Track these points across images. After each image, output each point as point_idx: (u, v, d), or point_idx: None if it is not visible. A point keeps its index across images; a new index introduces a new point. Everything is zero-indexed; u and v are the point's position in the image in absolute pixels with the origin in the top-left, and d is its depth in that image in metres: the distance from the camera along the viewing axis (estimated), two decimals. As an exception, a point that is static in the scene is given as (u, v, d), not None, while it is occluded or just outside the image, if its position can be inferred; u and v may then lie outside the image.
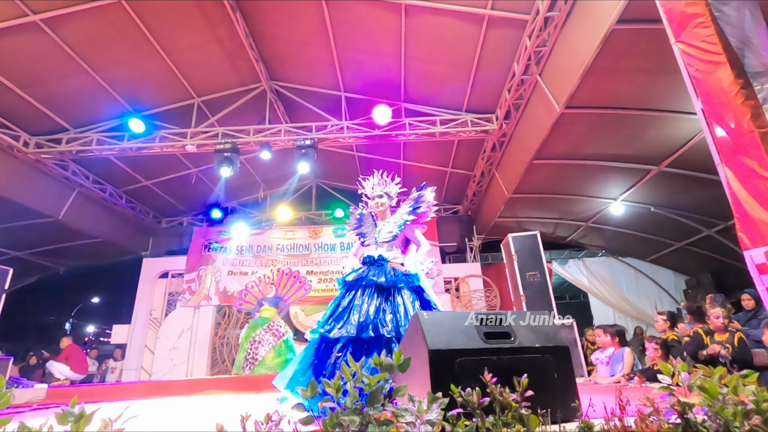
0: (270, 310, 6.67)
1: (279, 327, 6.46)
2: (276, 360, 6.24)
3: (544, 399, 1.46)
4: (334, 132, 7.06)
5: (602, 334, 4.50)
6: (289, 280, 7.30)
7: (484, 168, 8.15)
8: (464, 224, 10.42)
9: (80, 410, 1.01)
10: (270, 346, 6.27)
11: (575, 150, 6.43)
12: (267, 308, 6.69)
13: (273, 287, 7.03)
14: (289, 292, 7.25)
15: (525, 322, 1.79)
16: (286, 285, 7.22)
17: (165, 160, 8.26)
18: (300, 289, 7.42)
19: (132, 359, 9.14)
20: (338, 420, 1.06)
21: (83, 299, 16.35)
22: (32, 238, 8.63)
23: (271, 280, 7.10)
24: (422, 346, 1.57)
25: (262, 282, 7.12)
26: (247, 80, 7.18)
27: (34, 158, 6.99)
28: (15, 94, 6.08)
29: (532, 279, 5.20)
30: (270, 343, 6.30)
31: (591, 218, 8.60)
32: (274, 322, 6.45)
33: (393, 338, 2.46)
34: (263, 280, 7.16)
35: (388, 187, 3.11)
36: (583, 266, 9.91)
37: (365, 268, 2.86)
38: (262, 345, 6.26)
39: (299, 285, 7.39)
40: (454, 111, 7.07)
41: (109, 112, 6.96)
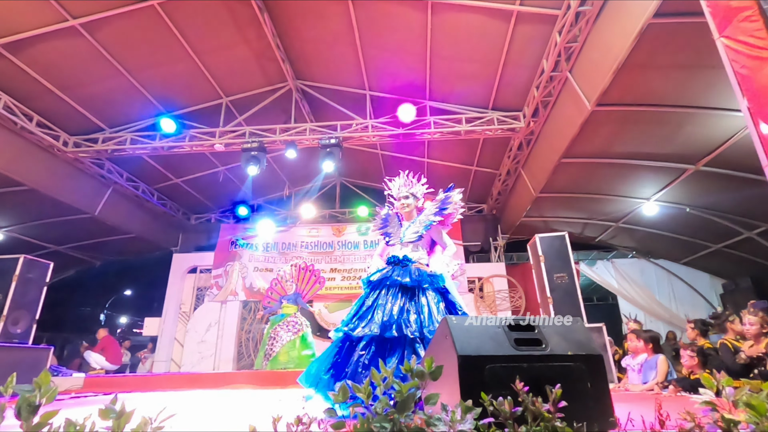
0: (290, 307, 6.80)
1: (296, 323, 6.59)
2: (290, 355, 6.34)
3: (577, 409, 1.42)
4: (358, 131, 7.08)
5: (635, 339, 4.36)
6: (306, 274, 7.42)
7: (510, 166, 8.01)
8: (489, 223, 10.28)
9: (121, 407, 1.04)
10: (283, 343, 6.39)
11: (606, 148, 6.23)
12: (287, 305, 6.82)
13: (293, 284, 7.16)
14: (306, 287, 7.36)
15: (557, 329, 1.75)
16: (302, 280, 7.34)
17: (194, 158, 8.49)
18: (315, 284, 7.52)
19: (162, 351, 9.46)
20: (370, 426, 1.06)
21: (117, 292, 17.01)
22: (70, 233, 9.04)
23: (291, 277, 7.23)
24: (451, 352, 1.55)
25: (284, 279, 7.26)
26: (274, 80, 7.28)
27: (72, 157, 7.31)
28: (55, 96, 6.36)
29: (560, 281, 5.07)
30: (283, 340, 6.42)
31: (621, 218, 8.33)
32: (291, 318, 6.58)
33: (417, 338, 2.45)
34: (284, 277, 7.29)
35: (414, 188, 3.09)
36: (612, 267, 9.62)
37: (390, 268, 2.86)
38: (276, 341, 6.40)
39: (314, 279, 7.51)
40: (480, 109, 6.97)
41: (142, 112, 7.20)
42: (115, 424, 1.05)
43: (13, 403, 0.92)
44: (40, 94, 6.29)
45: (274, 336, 6.48)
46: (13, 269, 5.21)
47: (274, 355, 6.34)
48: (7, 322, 5.01)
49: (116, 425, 1.05)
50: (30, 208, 7.81)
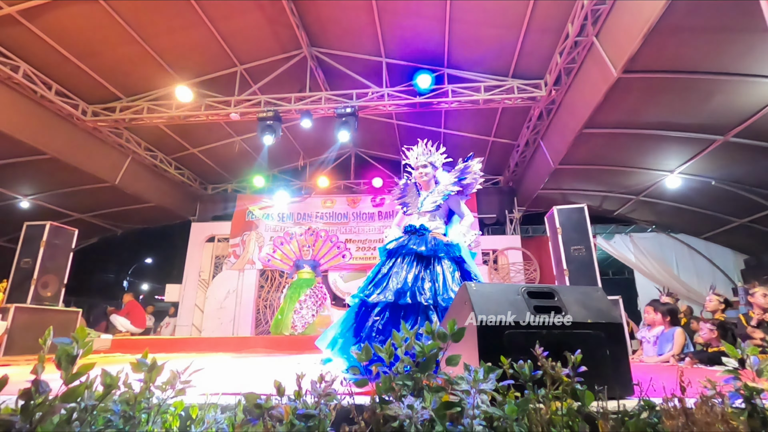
0: (309, 272, 6.80)
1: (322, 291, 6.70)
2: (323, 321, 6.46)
3: (596, 375, 1.43)
4: (374, 100, 6.96)
5: (651, 312, 4.33)
6: (326, 244, 7.35)
7: (529, 137, 7.82)
8: (505, 195, 10.16)
9: (152, 361, 1.09)
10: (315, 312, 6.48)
11: (631, 118, 6.01)
12: (307, 270, 6.81)
13: (310, 249, 7.09)
14: (326, 257, 7.30)
15: (576, 296, 1.74)
16: (322, 249, 7.28)
17: (210, 128, 8.50)
18: (338, 256, 7.48)
19: (184, 316, 9.81)
20: (391, 384, 1.08)
21: (138, 259, 17.55)
22: (92, 201, 9.26)
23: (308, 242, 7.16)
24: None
25: (296, 240, 7.17)
26: (288, 47, 7.14)
27: (91, 126, 7.39)
28: (73, 64, 6.37)
29: (577, 253, 5.01)
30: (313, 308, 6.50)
31: (642, 191, 8.12)
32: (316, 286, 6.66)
33: (430, 306, 2.48)
34: (296, 238, 7.20)
35: (433, 157, 3.04)
36: (630, 241, 9.47)
37: (406, 237, 2.86)
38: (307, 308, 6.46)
39: (337, 251, 7.47)
40: (499, 77, 6.76)
41: (158, 81, 7.18)
42: (147, 377, 1.10)
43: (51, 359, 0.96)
44: (58, 63, 6.30)
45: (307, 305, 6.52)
46: (40, 235, 5.39)
47: (311, 323, 6.44)
48: (37, 286, 5.23)
49: (148, 377, 1.10)
50: (53, 176, 8.00)
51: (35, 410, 0.84)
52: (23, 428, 0.81)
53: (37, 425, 0.81)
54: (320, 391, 1.09)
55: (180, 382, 1.10)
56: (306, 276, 6.76)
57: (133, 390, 1.08)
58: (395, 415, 0.89)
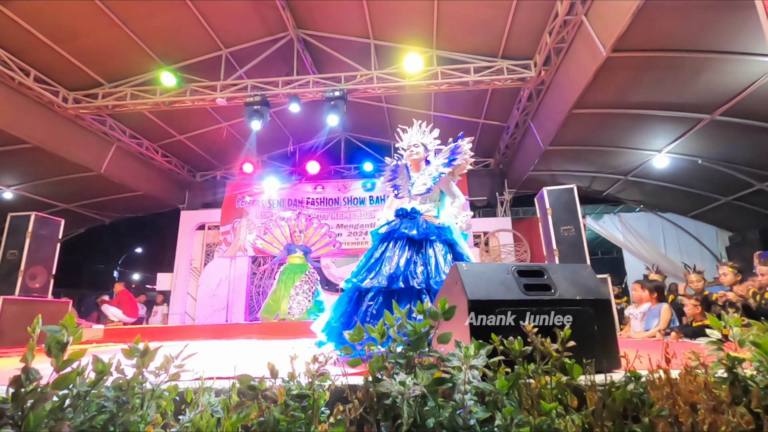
0: (300, 257, 6.69)
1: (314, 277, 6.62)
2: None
3: (585, 350, 1.46)
4: (363, 82, 6.87)
5: (639, 289, 4.42)
6: (318, 232, 7.22)
7: (519, 119, 7.81)
8: (495, 178, 10.19)
9: (145, 346, 1.08)
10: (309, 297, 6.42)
11: (619, 98, 6.02)
12: (299, 255, 6.69)
13: (301, 234, 6.95)
14: (318, 244, 7.18)
15: (565, 274, 1.77)
16: (314, 236, 7.15)
17: (196, 114, 8.34)
18: (329, 245, 7.37)
19: (176, 305, 9.79)
20: (384, 363, 1.09)
21: (128, 249, 17.39)
22: (78, 191, 9.09)
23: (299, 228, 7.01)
24: (461, 297, 1.57)
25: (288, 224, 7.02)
26: (274, 29, 6.98)
27: (73, 114, 7.20)
28: (51, 50, 6.17)
29: (567, 234, 5.08)
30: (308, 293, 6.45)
31: (631, 171, 8.21)
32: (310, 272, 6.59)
33: (423, 290, 2.50)
34: (288, 223, 7.04)
35: (426, 138, 3.02)
36: (618, 221, 9.61)
37: (398, 220, 2.86)
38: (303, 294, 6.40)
39: (329, 239, 7.38)
40: (489, 58, 6.70)
41: (140, 66, 6.99)
42: (139, 362, 1.10)
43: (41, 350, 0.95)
44: (35, 48, 6.10)
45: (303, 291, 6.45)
46: (25, 226, 5.30)
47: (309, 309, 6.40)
48: (25, 277, 5.16)
49: (140, 363, 1.10)
50: (36, 166, 7.82)
51: (26, 397, 0.84)
52: (15, 415, 0.80)
53: (29, 412, 0.80)
54: (314, 371, 1.10)
55: (173, 367, 1.10)
56: (297, 261, 6.66)
57: (126, 376, 1.08)
58: (388, 392, 0.91)
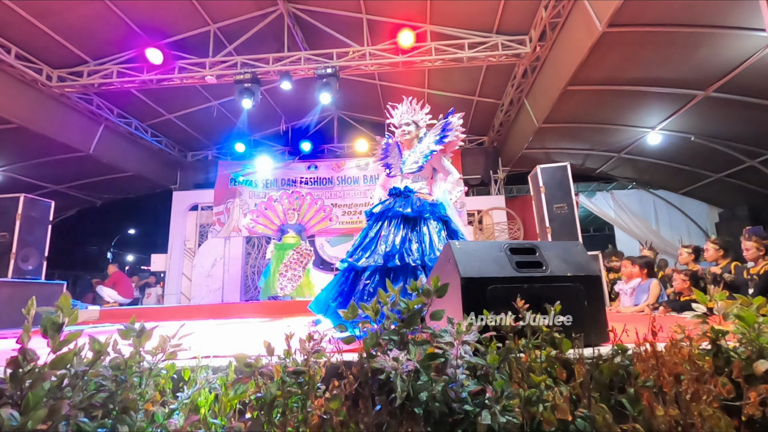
0: (294, 237, 6.60)
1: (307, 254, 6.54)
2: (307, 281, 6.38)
3: (574, 325, 1.50)
4: (356, 59, 6.74)
5: (629, 265, 4.50)
6: (312, 207, 7.13)
7: (514, 96, 7.74)
8: (489, 156, 10.16)
9: (141, 327, 1.09)
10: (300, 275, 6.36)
11: (614, 74, 5.97)
12: (292, 235, 6.60)
13: (295, 213, 6.84)
14: (312, 220, 7.10)
15: (557, 252, 1.79)
16: (308, 212, 7.07)
17: (185, 92, 8.16)
18: (324, 219, 7.31)
19: (171, 285, 9.82)
20: (378, 340, 1.11)
21: (121, 230, 17.29)
22: (68, 172, 8.95)
23: (292, 206, 6.91)
24: (454, 274, 1.59)
25: (281, 204, 6.93)
26: (263, 3, 6.77)
27: (58, 92, 7.02)
28: (32, 25, 5.96)
29: (559, 211, 5.11)
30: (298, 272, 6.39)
31: (624, 149, 8.22)
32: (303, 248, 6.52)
33: (418, 266, 2.52)
34: (281, 202, 6.95)
35: (417, 115, 2.99)
36: (611, 198, 9.69)
37: (392, 199, 2.86)
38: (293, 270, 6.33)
39: (323, 215, 7.32)
40: (483, 33, 6.58)
41: (126, 42, 6.78)
42: (136, 341, 1.11)
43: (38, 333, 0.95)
44: (15, 23, 5.88)
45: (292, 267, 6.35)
46: (15, 208, 5.22)
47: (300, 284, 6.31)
48: (17, 259, 5.13)
49: (137, 342, 1.11)
50: (23, 147, 7.65)
51: (24, 377, 0.85)
52: (14, 395, 0.82)
53: (28, 392, 0.82)
54: (309, 349, 1.12)
55: (170, 346, 1.11)
56: (291, 241, 6.58)
57: (123, 355, 1.09)
58: (382, 367, 0.93)
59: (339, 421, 1.04)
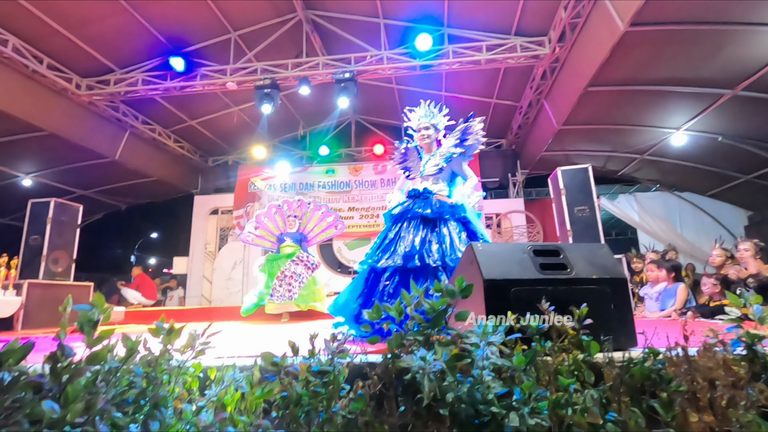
0: (292, 246, 5.70)
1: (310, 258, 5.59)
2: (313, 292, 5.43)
3: (601, 328, 1.47)
4: (373, 63, 6.78)
5: (655, 269, 4.38)
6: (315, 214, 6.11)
7: (532, 98, 7.66)
8: (508, 159, 10.07)
9: (170, 325, 1.12)
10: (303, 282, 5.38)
11: (637, 74, 5.85)
12: (289, 244, 5.71)
13: (297, 221, 5.95)
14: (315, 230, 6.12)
15: (581, 254, 1.76)
16: (311, 220, 6.09)
17: (207, 99, 8.35)
18: (330, 227, 6.19)
19: (193, 288, 10.00)
20: (402, 340, 1.11)
21: (144, 234, 17.71)
22: (95, 177, 9.25)
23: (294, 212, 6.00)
24: (477, 276, 1.58)
25: (281, 213, 6.02)
26: (283, 10, 6.90)
27: (87, 100, 7.27)
28: (63, 37, 6.19)
29: (581, 214, 5.02)
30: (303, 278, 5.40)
31: (647, 150, 8.03)
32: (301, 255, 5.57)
33: (439, 267, 2.51)
34: (282, 210, 6.03)
35: (436, 119, 2.99)
36: (634, 201, 9.46)
37: (411, 201, 2.86)
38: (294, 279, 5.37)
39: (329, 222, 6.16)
40: (501, 35, 6.54)
41: (151, 51, 6.99)
42: (166, 339, 1.14)
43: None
44: (47, 35, 6.12)
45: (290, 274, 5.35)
46: (45, 212, 5.42)
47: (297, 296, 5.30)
48: (47, 262, 5.31)
49: (167, 340, 1.13)
50: (53, 153, 7.95)
51: (63, 372, 0.88)
52: (53, 388, 0.84)
53: (66, 386, 0.84)
54: (334, 349, 1.13)
55: (199, 344, 1.13)
56: (288, 251, 5.64)
57: (153, 353, 1.12)
58: (409, 367, 0.93)
59: (364, 421, 1.05)
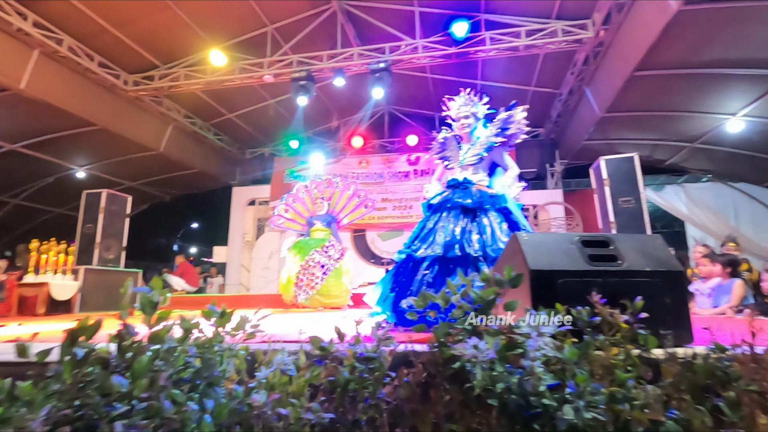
0: (323, 230, 5.55)
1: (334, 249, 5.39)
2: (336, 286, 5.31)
3: (655, 323, 1.39)
4: (408, 52, 6.71)
5: (708, 263, 4.13)
6: (344, 194, 5.89)
7: (573, 84, 7.36)
8: (546, 148, 9.75)
9: (223, 308, 1.16)
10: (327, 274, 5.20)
11: (689, 56, 5.49)
12: (319, 228, 5.56)
13: (325, 202, 5.77)
14: (345, 209, 5.88)
15: (633, 245, 1.68)
16: (340, 200, 5.90)
17: (244, 92, 8.54)
18: (360, 206, 5.93)
19: (232, 276, 10.37)
20: (448, 330, 1.10)
21: (186, 224, 18.47)
22: (141, 169, 9.72)
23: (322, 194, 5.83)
24: (522, 267, 1.54)
25: (309, 194, 5.86)
26: (318, 2, 6.92)
27: (133, 96, 7.61)
28: (111, 35, 6.49)
29: (626, 205, 4.80)
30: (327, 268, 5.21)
31: (698, 138, 7.55)
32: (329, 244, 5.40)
33: (479, 258, 2.46)
34: (311, 191, 5.86)
35: (476, 107, 2.92)
36: (682, 192, 8.96)
37: (450, 191, 2.82)
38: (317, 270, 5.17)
39: (358, 201, 5.93)
40: (541, 19, 6.30)
41: (192, 46, 7.22)
42: (218, 322, 1.18)
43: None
44: (97, 33, 6.44)
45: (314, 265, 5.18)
46: (98, 203, 5.75)
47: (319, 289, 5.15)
48: (101, 249, 5.65)
49: (219, 323, 1.17)
50: (103, 146, 8.40)
51: (127, 350, 0.93)
52: (120, 365, 0.89)
53: (132, 362, 0.89)
54: (380, 336, 1.13)
55: (250, 327, 1.17)
56: (319, 235, 5.50)
57: (206, 335, 1.16)
58: (461, 355, 0.92)
59: (411, 408, 1.05)
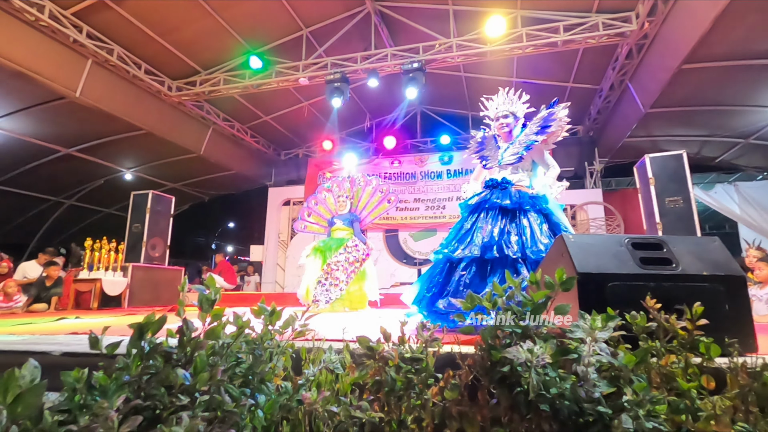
0: (344, 229, 5.26)
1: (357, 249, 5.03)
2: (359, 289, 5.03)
3: (714, 331, 1.32)
4: (442, 52, 6.66)
5: (765, 268, 3.87)
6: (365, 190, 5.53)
7: (615, 80, 7.08)
8: (584, 146, 9.42)
9: (272, 307, 1.19)
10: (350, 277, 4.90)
11: (743, 47, 5.18)
12: (340, 227, 5.26)
13: (347, 201, 5.46)
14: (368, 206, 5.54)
15: (689, 248, 1.60)
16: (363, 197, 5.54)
17: (279, 95, 8.74)
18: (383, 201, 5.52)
19: (267, 274, 10.63)
20: (495, 332, 1.09)
21: (223, 223, 19.09)
22: (183, 171, 10.14)
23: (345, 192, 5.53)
24: (569, 269, 1.50)
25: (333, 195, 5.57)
26: (351, 4, 6.99)
27: (176, 101, 7.95)
28: (157, 43, 6.80)
29: (673, 205, 4.57)
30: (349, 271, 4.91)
31: (753, 134, 7.10)
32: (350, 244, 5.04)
33: (518, 259, 2.42)
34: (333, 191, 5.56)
35: (514, 106, 2.87)
36: (734, 191, 8.43)
37: (488, 191, 2.78)
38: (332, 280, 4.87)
39: (381, 196, 5.54)
40: (581, 13, 6.10)
41: (231, 52, 7.45)
42: (267, 320, 1.21)
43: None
44: (144, 42, 6.76)
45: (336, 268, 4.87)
46: (145, 203, 6.05)
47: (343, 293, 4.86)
48: (147, 248, 5.94)
49: (268, 321, 1.21)
50: (149, 150, 8.83)
51: (187, 344, 0.97)
52: (181, 358, 0.94)
53: (192, 356, 0.93)
54: (426, 337, 1.13)
55: (299, 325, 1.20)
56: (340, 235, 5.18)
57: (256, 332, 1.20)
58: (513, 358, 0.90)
59: (458, 410, 1.04)
